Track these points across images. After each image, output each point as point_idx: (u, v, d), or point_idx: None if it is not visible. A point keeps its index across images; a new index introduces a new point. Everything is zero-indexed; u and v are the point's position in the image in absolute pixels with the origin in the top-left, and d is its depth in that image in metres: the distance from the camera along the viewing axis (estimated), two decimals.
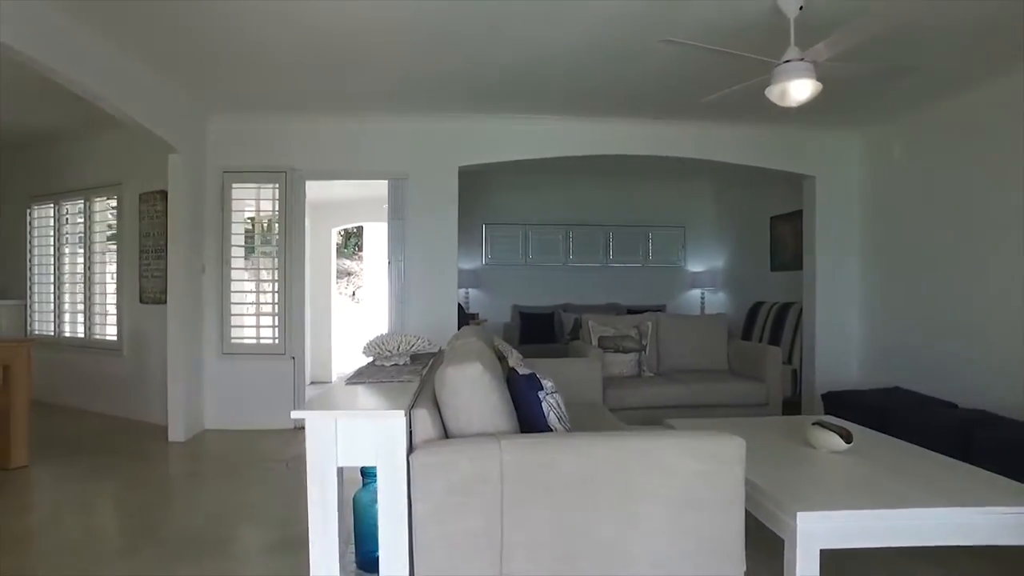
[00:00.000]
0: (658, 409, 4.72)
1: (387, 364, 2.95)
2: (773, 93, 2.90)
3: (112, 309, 6.04)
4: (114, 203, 6.05)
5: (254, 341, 5.52)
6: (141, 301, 5.75)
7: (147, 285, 5.69)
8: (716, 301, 9.01)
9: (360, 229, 12.75)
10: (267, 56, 4.23)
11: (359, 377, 2.61)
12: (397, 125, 5.55)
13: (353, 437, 1.95)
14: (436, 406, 2.13)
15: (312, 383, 7.76)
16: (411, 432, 2.01)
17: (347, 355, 9.00)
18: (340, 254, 20.57)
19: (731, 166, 6.04)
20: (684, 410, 4.75)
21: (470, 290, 8.82)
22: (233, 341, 5.50)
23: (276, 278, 5.50)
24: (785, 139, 5.86)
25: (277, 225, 5.51)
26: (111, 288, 6.06)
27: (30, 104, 5.40)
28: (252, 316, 5.54)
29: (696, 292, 9.12)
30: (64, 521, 3.42)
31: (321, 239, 8.50)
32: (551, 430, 2.21)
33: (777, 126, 5.76)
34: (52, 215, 6.63)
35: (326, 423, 1.95)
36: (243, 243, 5.57)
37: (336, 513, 1.95)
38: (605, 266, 9.04)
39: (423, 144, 5.59)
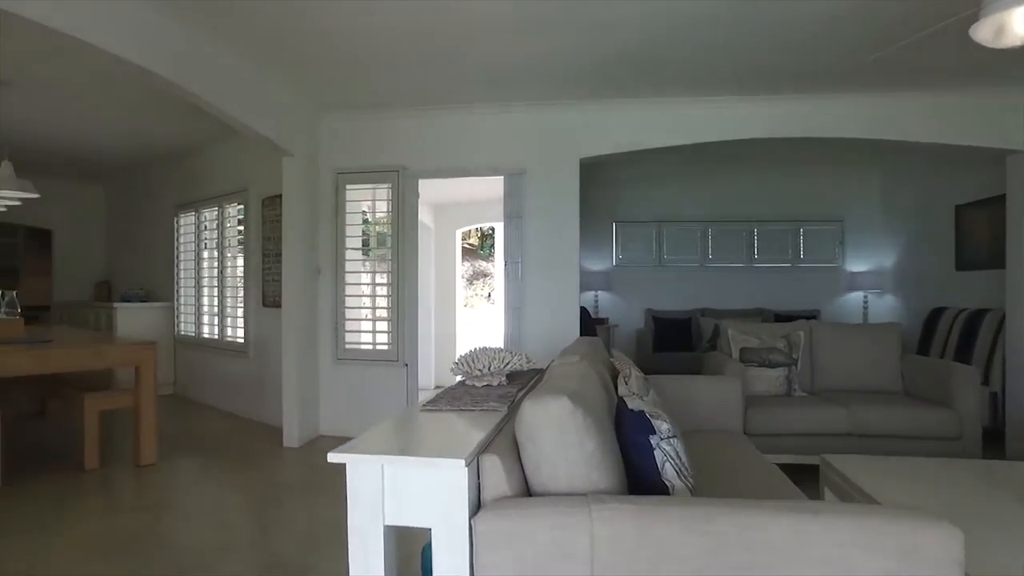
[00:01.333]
0: (812, 437, 3.94)
1: (478, 384, 2.52)
2: (984, 30, 2.13)
3: (241, 312, 6.17)
4: (241, 208, 6.17)
5: (367, 347, 5.36)
6: (264, 304, 5.79)
7: (268, 289, 5.72)
8: (882, 306, 7.79)
9: (493, 230, 12.61)
10: (373, 52, 4.00)
11: (439, 402, 2.20)
12: (511, 116, 5.16)
13: (403, 489, 1.53)
14: (518, 450, 1.66)
15: (437, 387, 7.59)
16: (481, 484, 1.56)
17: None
18: (477, 255, 20.76)
19: (904, 147, 5.04)
20: (846, 440, 3.93)
21: (599, 293, 8.27)
22: (347, 347, 5.37)
23: (390, 281, 5.30)
24: (982, 106, 4.75)
25: (390, 227, 5.31)
26: (240, 291, 6.19)
27: (172, 118, 5.63)
28: (366, 322, 5.38)
29: (857, 295, 7.94)
30: (170, 522, 3.34)
31: (446, 240, 8.33)
32: (667, 488, 1.66)
33: (971, 91, 4.68)
34: (193, 222, 6.93)
35: (370, 470, 1.54)
36: (357, 246, 5.44)
37: None
38: (749, 266, 8.12)
39: (540, 136, 5.15)
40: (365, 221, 5.55)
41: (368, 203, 5.45)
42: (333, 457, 1.57)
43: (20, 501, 3.81)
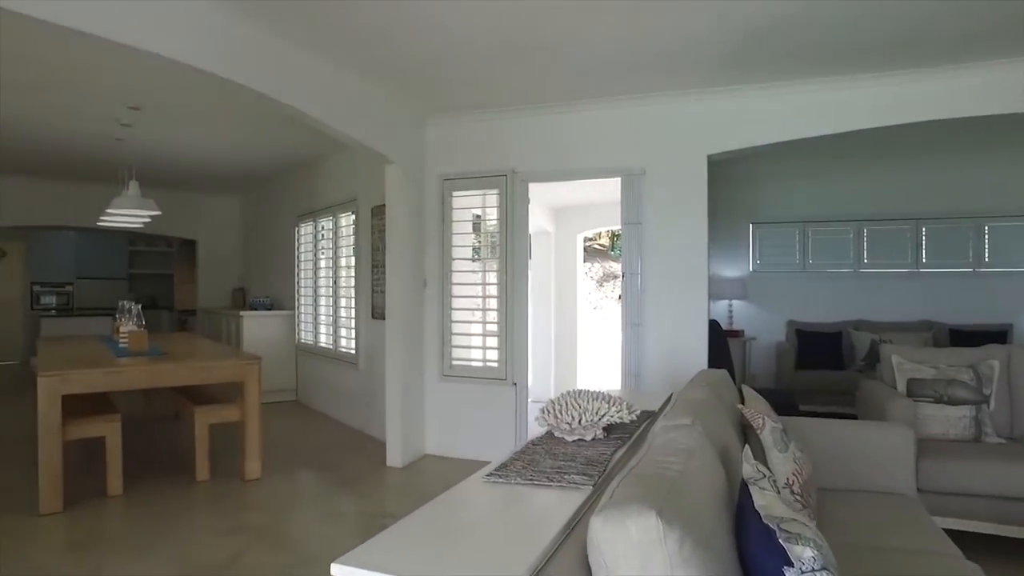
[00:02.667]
0: (1016, 502, 3.08)
1: (569, 439, 2.06)
2: None
3: (352, 323, 6.09)
4: (353, 218, 6.09)
5: (476, 364, 5.04)
6: (372, 316, 5.66)
7: (377, 300, 5.57)
8: None
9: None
10: (476, 49, 3.67)
11: (510, 469, 1.77)
12: (628, 111, 4.62)
13: None
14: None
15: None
16: None
17: (598, 366, 8.31)
18: (607, 256, 20.14)
19: None
20: None
21: (733, 302, 7.47)
22: (455, 363, 5.09)
23: (499, 294, 4.95)
24: None
25: (498, 235, 4.96)
26: (353, 302, 6.12)
27: (287, 133, 5.69)
28: (475, 337, 5.07)
29: None
30: (259, 552, 3.18)
31: (567, 246, 7.89)
32: None
33: None
34: (311, 231, 6.99)
35: None
36: (465, 256, 5.14)
37: None
38: (915, 271, 6.96)
39: (661, 132, 4.57)
40: (474, 228, 5.25)
41: (476, 210, 5.13)
42: (337, 571, 1.17)
43: (133, 511, 3.89)
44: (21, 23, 2.42)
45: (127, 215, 5.32)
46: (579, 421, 2.01)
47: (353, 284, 6.05)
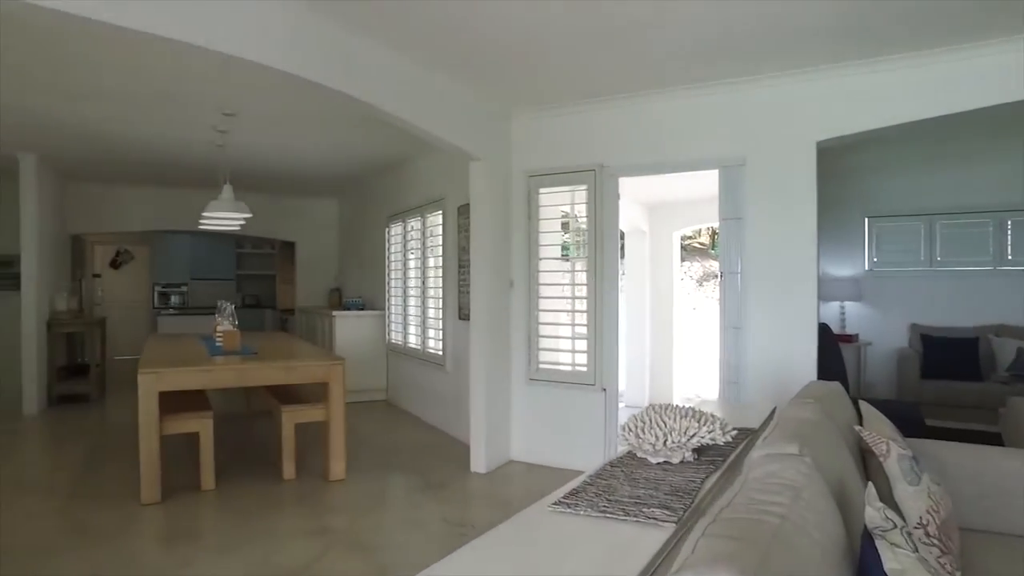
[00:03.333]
0: None
1: (653, 460, 1.82)
2: None
3: (440, 323, 6.03)
4: (440, 217, 6.03)
5: (563, 368, 4.83)
6: (460, 317, 5.56)
7: (464, 301, 5.47)
8: None
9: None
10: (558, 36, 3.46)
11: (581, 496, 1.55)
12: (725, 97, 4.25)
13: None
14: None
15: (650, 406, 6.84)
16: None
17: (697, 372, 7.89)
18: (707, 255, 19.33)
19: None
20: None
21: (846, 304, 6.84)
22: (541, 366, 4.89)
23: (587, 295, 4.71)
24: None
25: (588, 233, 4.72)
26: (440, 302, 6.06)
27: (377, 135, 5.72)
28: (563, 340, 4.85)
29: None
30: (337, 557, 3.12)
31: (662, 245, 7.51)
32: None
33: None
34: (401, 231, 7.01)
35: None
36: (552, 255, 4.93)
37: None
38: None
39: (762, 119, 4.17)
40: (562, 226, 5.03)
41: (564, 207, 4.92)
42: None
43: (222, 507, 3.98)
44: (122, 36, 2.46)
45: (222, 218, 5.49)
46: (664, 442, 1.76)
47: (440, 284, 5.99)
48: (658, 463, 1.80)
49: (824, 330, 4.34)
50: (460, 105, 4.45)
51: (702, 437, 1.76)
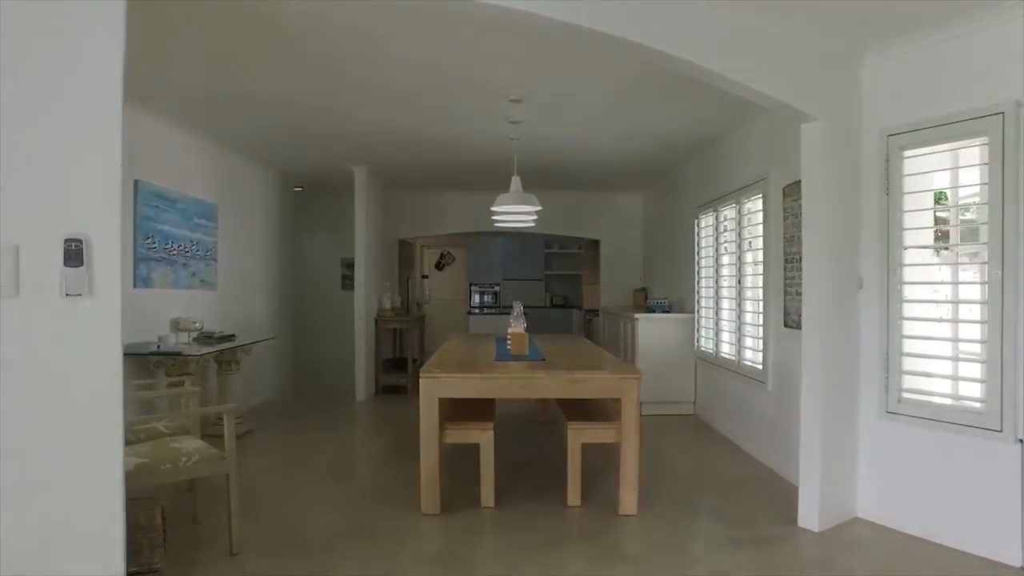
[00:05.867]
0: None
1: None
2: None
3: (760, 331, 4.94)
4: (759, 202, 4.94)
5: (941, 400, 3.41)
6: (785, 325, 4.43)
7: (791, 305, 4.33)
8: None
9: None
10: None
11: None
12: None
13: None
14: None
15: None
16: None
17: None
18: None
19: None
20: None
21: None
22: (905, 396, 3.53)
23: (984, 298, 3.24)
24: None
25: (985, 210, 3.24)
26: (760, 306, 4.97)
27: (683, 109, 4.98)
28: (938, 360, 3.44)
29: None
30: None
31: None
32: None
33: None
34: (712, 223, 6.05)
35: None
36: (923, 243, 3.54)
37: None
38: None
39: None
40: (938, 201, 3.61)
41: (940, 176, 3.50)
42: None
43: (501, 529, 3.63)
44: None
45: (512, 212, 5.21)
46: None
47: (760, 284, 4.91)
48: None
49: None
50: (790, 50, 3.40)
51: None
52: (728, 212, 5.73)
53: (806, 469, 3.62)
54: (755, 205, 5.09)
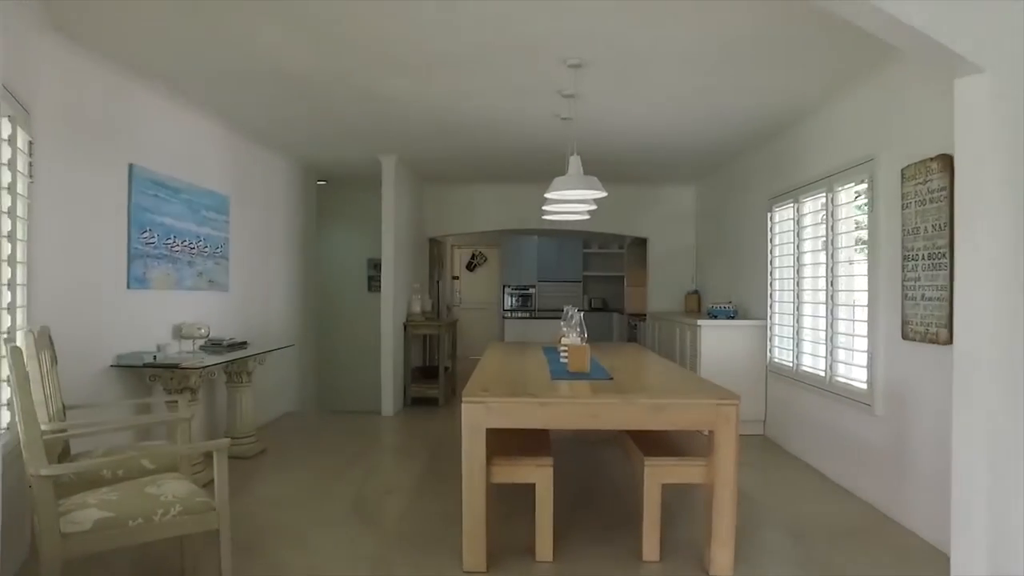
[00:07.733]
0: None
1: None
2: None
3: (861, 344, 4.12)
4: (863, 189, 4.13)
5: None
6: (904, 336, 3.61)
7: (912, 312, 3.52)
8: None
9: None
10: None
11: None
12: None
13: None
14: None
15: None
16: None
17: None
18: None
19: None
20: None
21: None
22: None
23: None
24: None
25: None
26: (860, 314, 4.15)
27: (751, 83, 4.20)
28: None
29: None
30: None
31: None
32: None
33: None
34: (791, 216, 5.24)
35: None
36: None
37: None
38: None
39: None
40: None
41: None
42: None
43: None
44: None
45: (570, 201, 4.47)
46: None
47: (865, 287, 4.09)
48: None
49: None
50: None
51: None
52: (812, 204, 4.92)
53: (961, 520, 2.79)
54: (854, 193, 4.28)
